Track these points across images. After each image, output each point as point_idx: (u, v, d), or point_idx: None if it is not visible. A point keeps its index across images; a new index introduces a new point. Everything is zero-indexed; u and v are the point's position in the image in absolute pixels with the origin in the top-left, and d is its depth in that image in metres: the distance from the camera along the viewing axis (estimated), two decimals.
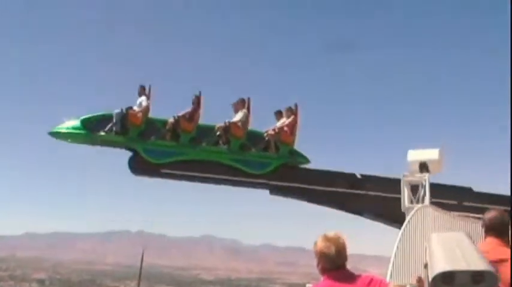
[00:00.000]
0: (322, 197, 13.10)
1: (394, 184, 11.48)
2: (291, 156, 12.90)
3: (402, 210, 10.58)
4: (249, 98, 12.99)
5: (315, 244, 3.22)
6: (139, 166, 12.23)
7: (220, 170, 12.48)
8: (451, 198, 13.08)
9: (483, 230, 3.36)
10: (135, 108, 12.29)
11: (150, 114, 12.48)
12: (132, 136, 12.05)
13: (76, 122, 12.07)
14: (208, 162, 12.41)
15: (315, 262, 3.26)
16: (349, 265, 3.28)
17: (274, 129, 12.82)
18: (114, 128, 11.97)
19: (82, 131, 11.94)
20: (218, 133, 12.50)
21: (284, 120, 13.10)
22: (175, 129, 12.28)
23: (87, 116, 12.25)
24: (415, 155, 11.09)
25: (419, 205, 10.21)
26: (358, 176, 13.18)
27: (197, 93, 12.72)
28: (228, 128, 12.49)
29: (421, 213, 9.81)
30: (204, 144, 12.43)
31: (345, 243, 3.20)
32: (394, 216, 11.61)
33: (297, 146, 13.07)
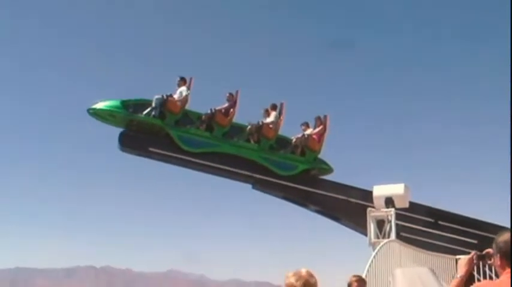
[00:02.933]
0: (303, 198, 13.44)
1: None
2: (316, 163, 13.36)
3: (368, 245, 10.65)
4: (281, 103, 13.56)
5: (286, 279, 3.07)
6: (128, 143, 12.45)
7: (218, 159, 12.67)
8: (429, 216, 13.60)
9: (497, 256, 2.69)
10: (175, 96, 12.70)
11: (187, 106, 12.89)
12: (168, 122, 12.40)
13: (116, 102, 12.39)
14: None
15: None
16: None
17: (303, 135, 13.34)
18: (153, 112, 12.31)
19: (122, 111, 12.24)
20: (250, 132, 12.94)
21: (310, 130, 13.64)
22: (210, 122, 12.70)
23: (126, 98, 12.63)
24: (381, 190, 11.25)
25: (386, 240, 10.27)
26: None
27: (232, 92, 13.21)
28: (260, 128, 12.98)
29: (387, 248, 9.87)
30: (235, 139, 12.83)
31: (316, 282, 3.07)
32: None
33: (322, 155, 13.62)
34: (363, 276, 6.98)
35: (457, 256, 10.76)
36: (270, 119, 13.22)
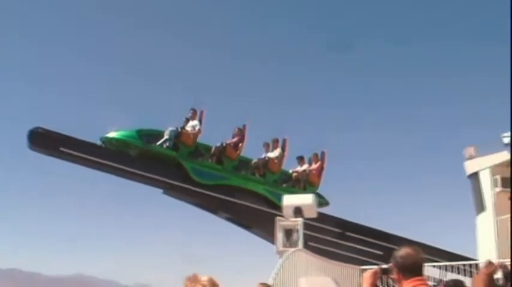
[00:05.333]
0: (216, 206, 13.52)
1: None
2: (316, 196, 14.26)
3: (276, 253, 10.84)
4: (285, 139, 14.41)
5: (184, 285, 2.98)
6: (38, 142, 12.04)
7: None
8: (337, 227, 14.25)
9: (395, 271, 2.87)
10: (188, 129, 13.20)
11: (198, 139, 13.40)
12: (182, 153, 12.88)
13: (131, 132, 12.72)
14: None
15: None
16: None
17: (304, 170, 14.24)
18: (166, 143, 12.75)
19: (137, 141, 12.59)
20: (256, 166, 13.68)
21: (307, 166, 14.59)
22: (220, 155, 13.31)
23: (140, 128, 12.97)
24: (290, 200, 11.51)
25: (293, 249, 10.45)
26: None
27: (240, 126, 13.89)
28: (266, 163, 13.75)
29: (293, 257, 10.05)
30: (243, 172, 13.52)
31: None
32: None
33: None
34: (269, 284, 7.21)
35: (362, 267, 11.14)
36: (275, 154, 14.03)
